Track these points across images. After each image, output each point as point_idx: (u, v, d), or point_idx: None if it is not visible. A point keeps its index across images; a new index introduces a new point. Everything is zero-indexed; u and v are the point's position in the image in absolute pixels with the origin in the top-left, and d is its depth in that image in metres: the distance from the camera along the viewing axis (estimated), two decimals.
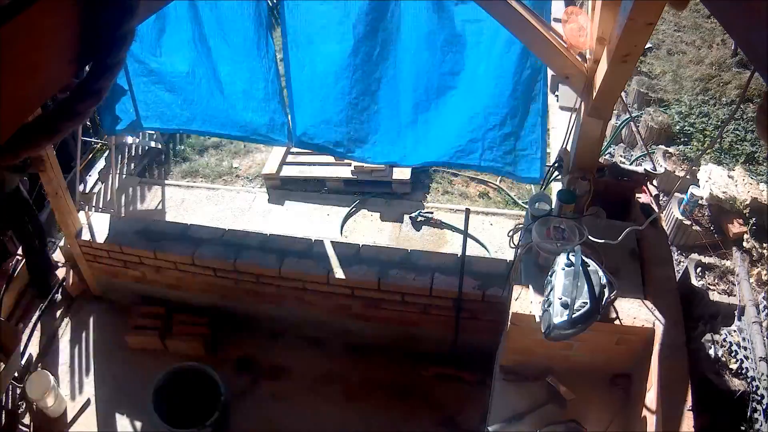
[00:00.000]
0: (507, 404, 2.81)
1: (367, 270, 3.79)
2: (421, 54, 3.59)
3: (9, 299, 4.18)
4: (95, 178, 5.36)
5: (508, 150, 3.67)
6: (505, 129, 3.63)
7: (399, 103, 3.78)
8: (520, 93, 3.53)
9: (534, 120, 3.57)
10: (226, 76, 3.96)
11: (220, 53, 3.89)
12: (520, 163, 3.68)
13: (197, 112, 4.19)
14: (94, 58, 0.81)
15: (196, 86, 4.07)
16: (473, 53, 3.52)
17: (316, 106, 3.90)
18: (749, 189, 3.78)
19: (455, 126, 3.74)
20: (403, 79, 3.71)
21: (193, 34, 3.84)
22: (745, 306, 3.08)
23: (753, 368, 2.80)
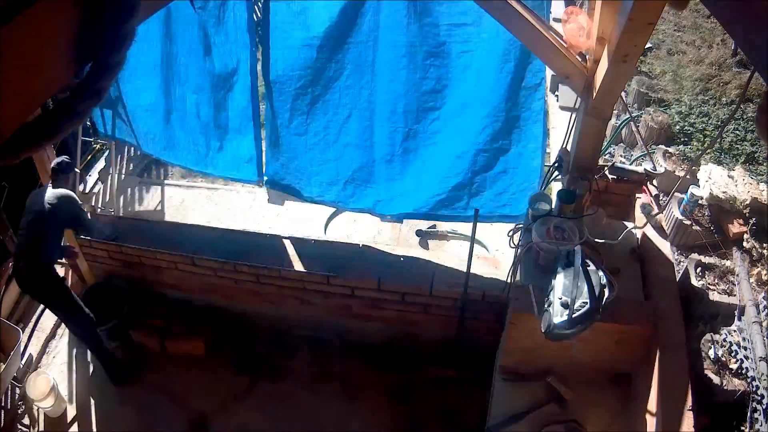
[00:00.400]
0: (507, 404, 2.81)
1: (367, 270, 3.79)
2: (398, 73, 3.19)
3: (9, 299, 4.18)
4: (95, 178, 5.36)
5: (500, 191, 3.23)
6: (497, 168, 3.18)
7: (373, 133, 3.39)
8: (516, 115, 3.13)
9: (535, 144, 3.15)
10: (197, 104, 3.69)
11: (193, 78, 3.62)
12: (518, 201, 3.29)
13: (169, 141, 3.98)
14: (94, 58, 0.81)
15: (168, 113, 3.84)
16: (459, 65, 3.13)
17: (291, 145, 3.57)
18: (749, 189, 3.78)
19: (438, 165, 3.29)
20: (378, 105, 3.31)
21: (163, 55, 3.59)
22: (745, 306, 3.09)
23: (753, 368, 2.80)
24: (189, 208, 5.29)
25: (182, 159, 4.04)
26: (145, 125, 4.01)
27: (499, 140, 3.11)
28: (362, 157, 3.43)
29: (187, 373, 4.04)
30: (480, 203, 3.21)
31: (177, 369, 4.06)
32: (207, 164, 3.94)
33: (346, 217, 5.22)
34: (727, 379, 2.78)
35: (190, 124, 3.78)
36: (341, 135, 3.40)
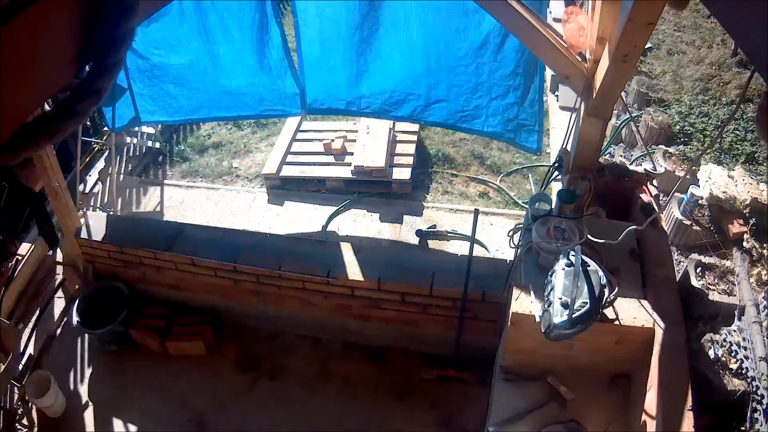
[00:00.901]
0: (507, 404, 2.81)
1: (367, 270, 3.79)
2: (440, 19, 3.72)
3: (9, 299, 4.18)
4: (95, 178, 5.37)
5: (510, 118, 3.91)
6: (508, 99, 3.85)
7: (411, 63, 3.93)
8: (522, 68, 3.73)
9: (533, 95, 3.82)
10: (234, 57, 4.07)
11: (228, 36, 3.98)
12: (521, 132, 3.92)
13: (204, 99, 4.30)
14: (94, 58, 0.81)
15: (201, 74, 4.16)
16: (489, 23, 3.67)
17: (327, 73, 4.06)
18: (749, 189, 3.78)
19: (463, 90, 3.93)
20: (415, 43, 3.85)
21: (198, 23, 3.93)
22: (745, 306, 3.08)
23: (753, 368, 2.80)
24: (189, 208, 5.29)
25: (226, 109, 4.35)
26: (179, 86, 4.25)
27: (510, 80, 3.79)
28: (405, 71, 3.97)
29: (187, 373, 4.04)
30: (494, 123, 3.91)
31: (177, 369, 4.06)
32: (254, 107, 4.29)
33: (347, 218, 5.23)
34: (727, 379, 2.78)
35: (233, 72, 4.14)
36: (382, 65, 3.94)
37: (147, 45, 4.03)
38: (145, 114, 4.37)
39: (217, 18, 3.89)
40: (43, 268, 4.52)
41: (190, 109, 4.33)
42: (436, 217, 5.19)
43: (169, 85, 4.25)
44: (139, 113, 4.34)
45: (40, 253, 4.51)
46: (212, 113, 4.42)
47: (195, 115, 4.43)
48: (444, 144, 5.92)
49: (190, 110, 4.34)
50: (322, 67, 4.04)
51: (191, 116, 4.45)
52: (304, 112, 4.31)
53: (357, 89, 4.10)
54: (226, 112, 4.39)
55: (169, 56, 4.13)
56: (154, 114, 4.38)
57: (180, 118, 4.50)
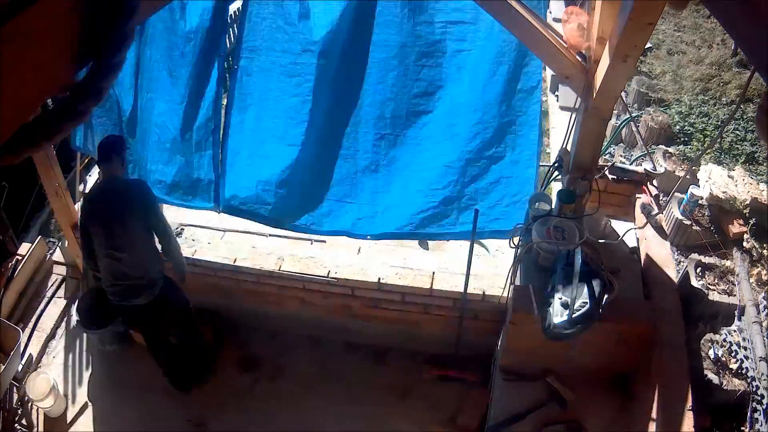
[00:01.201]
0: (507, 404, 2.81)
1: (367, 270, 3.79)
2: (387, 75, 3.00)
3: (9, 299, 4.17)
4: (95, 178, 5.36)
5: (492, 204, 3.03)
6: (489, 177, 2.99)
7: (357, 141, 3.12)
8: (510, 120, 2.95)
9: (531, 151, 2.97)
10: (158, 117, 3.37)
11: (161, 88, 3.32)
12: (511, 214, 3.06)
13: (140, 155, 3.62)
14: (94, 58, 0.81)
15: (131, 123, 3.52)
16: (453, 65, 2.97)
17: (257, 159, 3.23)
18: (749, 189, 3.78)
19: (426, 176, 3.09)
20: (365, 109, 3.08)
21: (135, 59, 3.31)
22: (745, 306, 3.09)
23: (753, 368, 2.80)
24: (188, 209, 5.28)
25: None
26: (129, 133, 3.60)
27: (492, 147, 2.92)
28: (343, 167, 3.14)
29: None
30: (470, 218, 2.94)
31: None
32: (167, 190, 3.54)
33: None
34: (727, 379, 2.78)
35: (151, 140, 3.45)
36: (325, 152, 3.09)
37: None
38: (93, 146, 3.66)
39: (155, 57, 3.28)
40: (43, 268, 4.51)
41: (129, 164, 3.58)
42: None
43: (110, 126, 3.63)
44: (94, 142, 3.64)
45: (40, 253, 4.51)
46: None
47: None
48: None
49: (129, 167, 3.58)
50: (252, 150, 3.20)
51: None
52: (218, 209, 3.43)
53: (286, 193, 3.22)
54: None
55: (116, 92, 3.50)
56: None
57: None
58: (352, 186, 3.14)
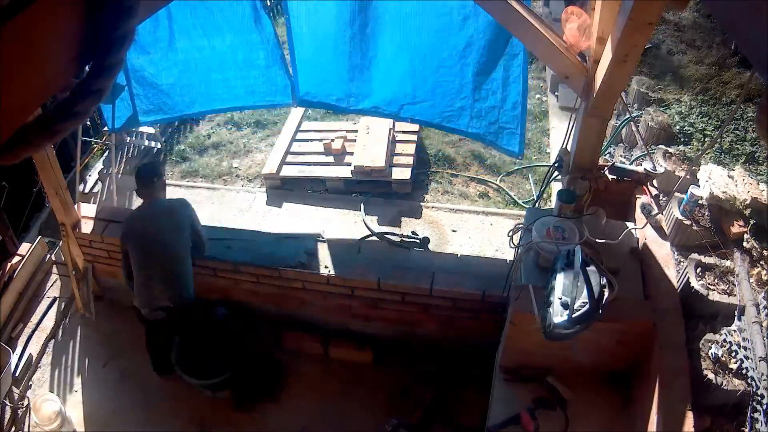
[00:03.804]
0: (507, 404, 2.81)
1: (367, 270, 3.79)
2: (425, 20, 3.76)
3: (9, 299, 4.18)
4: (95, 178, 5.37)
5: (492, 121, 3.96)
6: (490, 102, 3.91)
7: (397, 61, 4.00)
8: (503, 72, 3.79)
9: (516, 98, 3.83)
10: (225, 50, 4.15)
11: (218, 31, 4.06)
12: (503, 135, 3.98)
13: (196, 94, 4.36)
14: (94, 58, 0.81)
15: (192, 71, 4.23)
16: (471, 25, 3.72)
17: (318, 67, 4.15)
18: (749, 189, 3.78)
19: (447, 90, 4.00)
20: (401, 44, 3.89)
21: (187, 22, 4.00)
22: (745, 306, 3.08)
23: (753, 368, 2.80)
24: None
25: (218, 101, 4.41)
26: (172, 84, 4.30)
27: (491, 83, 3.85)
28: (393, 71, 4.04)
29: None
30: (477, 125, 4.01)
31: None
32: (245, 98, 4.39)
33: (347, 217, 5.22)
34: (727, 379, 2.77)
35: (225, 66, 4.23)
36: (373, 61, 4.03)
37: (141, 44, 4.04)
38: (142, 114, 4.40)
39: (206, 13, 3.97)
40: (43, 268, 4.52)
41: (184, 105, 4.39)
42: (436, 218, 5.19)
43: (163, 83, 4.30)
44: (137, 114, 4.36)
45: (40, 253, 4.51)
46: (205, 107, 4.50)
47: (189, 111, 4.48)
48: (444, 144, 5.92)
49: (185, 106, 4.40)
50: (313, 62, 4.13)
51: (185, 112, 4.51)
52: (295, 104, 4.40)
53: (347, 86, 4.18)
54: (219, 104, 4.45)
55: (160, 56, 4.18)
56: (150, 114, 4.41)
57: (174, 115, 4.56)
58: (399, 82, 4.08)
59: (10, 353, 3.75)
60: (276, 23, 6.69)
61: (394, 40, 3.93)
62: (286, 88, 4.28)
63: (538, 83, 6.70)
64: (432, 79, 4.01)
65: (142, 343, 3.94)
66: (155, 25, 3.97)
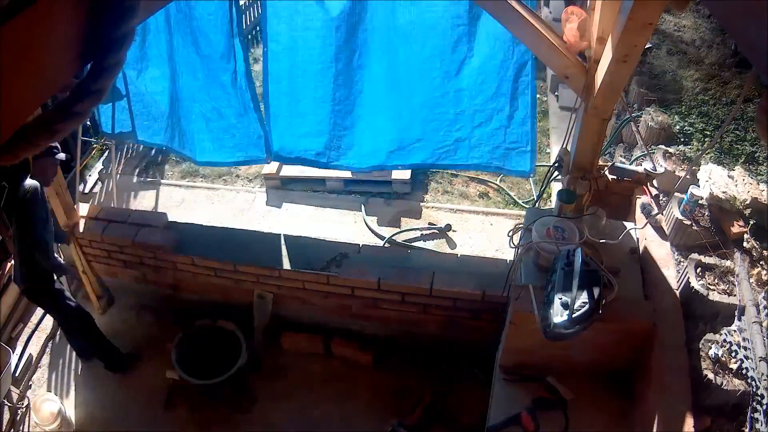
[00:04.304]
0: (507, 404, 2.81)
1: (367, 270, 3.79)
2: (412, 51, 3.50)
3: (9, 299, 4.18)
4: (95, 178, 5.37)
5: (497, 144, 3.67)
6: (493, 124, 3.62)
7: (382, 103, 3.72)
8: (507, 87, 3.49)
9: (523, 113, 3.55)
10: (197, 93, 3.81)
11: (191, 68, 3.73)
12: (510, 157, 3.69)
13: (176, 130, 4.05)
14: (94, 59, 0.81)
15: (174, 102, 3.93)
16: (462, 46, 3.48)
17: (297, 115, 3.79)
18: (749, 189, 3.77)
19: (441, 125, 3.70)
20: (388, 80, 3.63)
21: (168, 46, 3.73)
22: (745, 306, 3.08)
23: (753, 368, 2.80)
24: (189, 208, 5.29)
25: (188, 150, 4.09)
26: (155, 114, 4.07)
27: (494, 102, 3.58)
28: (374, 123, 3.79)
29: None
30: (478, 154, 3.71)
31: None
32: (213, 153, 4.03)
33: (346, 217, 5.22)
34: (727, 379, 2.77)
35: (193, 114, 3.91)
36: (354, 107, 3.74)
37: (131, 62, 3.87)
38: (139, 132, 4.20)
39: (181, 43, 3.66)
40: None
41: (166, 137, 4.10)
42: (436, 218, 5.19)
43: (151, 106, 4.05)
44: (135, 129, 4.18)
45: None
46: (179, 147, 4.11)
47: (169, 145, 4.15)
48: None
49: (167, 138, 4.11)
50: (291, 108, 3.77)
51: (166, 144, 4.16)
52: (269, 159, 4.00)
53: (327, 137, 3.83)
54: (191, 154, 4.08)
55: (149, 76, 3.93)
56: (138, 132, 4.19)
57: (157, 142, 4.26)
58: (382, 137, 3.81)
59: (10, 353, 3.75)
60: (255, 48, 6.34)
61: (382, 73, 3.62)
62: (260, 139, 3.87)
63: (538, 83, 6.70)
64: (422, 114, 3.69)
65: (142, 342, 3.94)
66: (143, 40, 3.74)
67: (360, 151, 3.88)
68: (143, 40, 3.74)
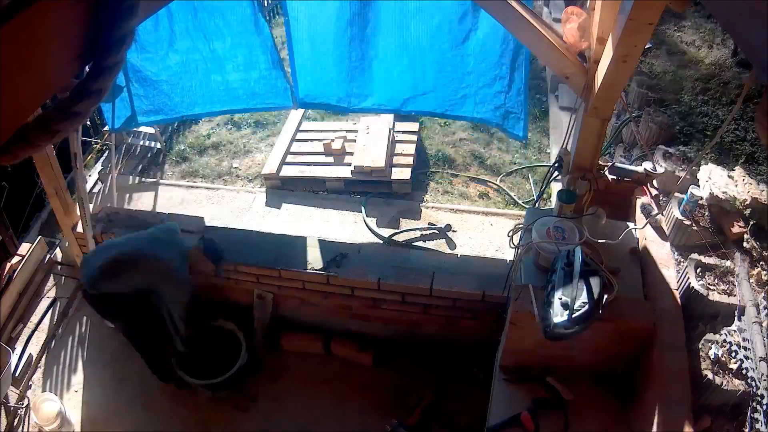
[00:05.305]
0: (507, 404, 2.81)
1: (367, 270, 3.79)
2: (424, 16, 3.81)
3: (9, 299, 4.18)
4: (95, 178, 5.37)
5: (498, 105, 4.02)
6: (495, 87, 3.97)
7: (395, 63, 4.06)
8: (507, 58, 3.82)
9: (519, 85, 3.89)
10: (225, 53, 4.18)
11: (218, 34, 4.08)
12: (509, 119, 4.02)
13: (197, 96, 4.36)
14: (94, 58, 0.81)
15: (193, 72, 4.25)
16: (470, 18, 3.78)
17: (318, 69, 4.17)
18: (749, 189, 3.77)
19: (450, 81, 4.04)
20: (401, 41, 3.95)
21: (188, 22, 4.02)
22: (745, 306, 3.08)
23: (753, 368, 2.80)
24: (189, 208, 5.29)
25: (219, 103, 4.42)
26: (173, 85, 4.31)
27: (496, 68, 3.90)
28: (394, 68, 4.09)
29: None
30: (482, 110, 4.05)
31: None
32: (246, 100, 4.40)
33: (346, 217, 5.22)
34: (727, 379, 2.77)
35: (225, 68, 4.26)
36: (372, 61, 4.07)
37: (142, 44, 4.05)
38: (142, 115, 4.39)
39: (207, 16, 3.99)
40: (43, 268, 4.51)
41: (184, 106, 4.39)
42: (436, 218, 5.19)
43: (163, 84, 4.29)
44: (136, 114, 4.36)
45: (40, 253, 4.51)
46: (206, 109, 4.51)
47: (189, 112, 4.49)
48: (444, 144, 5.92)
49: (185, 107, 4.41)
50: (313, 64, 4.15)
51: (186, 113, 4.52)
52: (296, 106, 4.42)
53: (347, 86, 4.20)
54: (219, 106, 4.47)
55: (161, 56, 4.18)
56: (150, 114, 4.40)
57: (175, 116, 4.57)
58: (398, 86, 4.13)
59: (10, 353, 3.75)
60: (274, 24, 6.71)
61: (394, 40, 3.95)
62: (286, 90, 4.30)
63: (538, 83, 6.70)
64: (432, 72, 4.05)
65: None
66: (156, 25, 3.96)
67: (378, 97, 4.24)
68: (156, 22, 3.96)
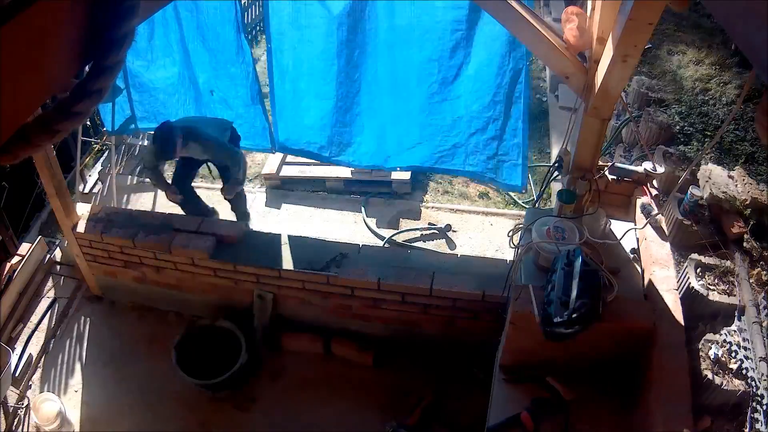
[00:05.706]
0: (507, 404, 2.81)
1: (367, 270, 3.79)
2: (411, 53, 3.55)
3: (9, 299, 4.18)
4: (95, 178, 5.37)
5: (490, 154, 3.73)
6: (488, 133, 3.66)
7: (381, 104, 3.79)
8: (502, 95, 3.51)
9: (515, 124, 3.59)
10: (204, 84, 4.01)
11: (200, 60, 3.93)
12: (502, 169, 3.74)
13: (191, 112, 4.25)
14: (94, 58, 0.81)
15: (185, 90, 4.13)
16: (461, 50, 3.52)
17: (300, 109, 3.93)
18: (749, 189, 3.78)
19: (438, 129, 3.77)
20: (387, 82, 3.70)
21: (179, 36, 3.89)
22: (745, 306, 3.08)
23: (753, 368, 2.80)
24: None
25: None
26: (169, 95, 4.21)
27: (489, 110, 3.60)
28: (375, 122, 3.88)
29: None
30: (474, 161, 3.77)
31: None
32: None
33: (346, 218, 5.22)
34: (727, 379, 2.77)
35: (203, 102, 4.10)
36: (355, 105, 3.82)
37: (138, 52, 4.00)
38: (139, 120, 4.35)
39: (193, 34, 3.84)
40: (43, 268, 4.51)
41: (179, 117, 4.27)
42: (436, 218, 5.19)
43: (160, 92, 4.22)
44: (135, 118, 4.33)
45: (40, 253, 4.51)
46: None
47: None
48: None
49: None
50: (295, 102, 3.93)
51: None
52: (274, 150, 4.25)
53: (330, 130, 3.96)
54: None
55: (159, 66, 4.10)
56: (144, 121, 4.35)
57: None
58: (382, 137, 3.88)
59: (10, 353, 3.75)
60: (254, 48, 6.64)
61: (381, 73, 3.69)
62: (265, 130, 4.08)
63: (538, 83, 6.70)
64: (420, 118, 3.75)
65: (143, 343, 3.94)
66: (151, 32, 3.87)
67: (360, 149, 3.96)
68: (151, 32, 3.87)
